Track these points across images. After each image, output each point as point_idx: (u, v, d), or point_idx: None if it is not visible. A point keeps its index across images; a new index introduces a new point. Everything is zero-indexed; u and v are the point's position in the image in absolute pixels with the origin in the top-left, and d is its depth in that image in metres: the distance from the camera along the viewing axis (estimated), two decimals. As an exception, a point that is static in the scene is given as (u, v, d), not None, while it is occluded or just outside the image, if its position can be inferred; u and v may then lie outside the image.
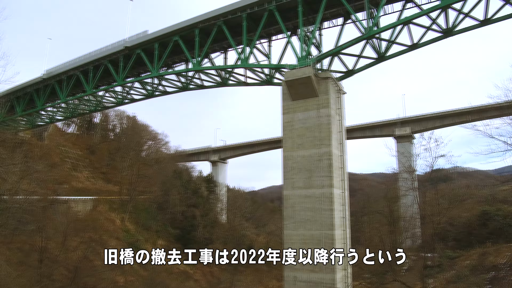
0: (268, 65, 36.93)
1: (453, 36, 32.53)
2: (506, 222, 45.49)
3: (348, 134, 38.27)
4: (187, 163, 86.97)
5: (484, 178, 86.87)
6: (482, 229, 47.06)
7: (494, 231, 45.81)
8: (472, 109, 64.95)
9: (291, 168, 31.76)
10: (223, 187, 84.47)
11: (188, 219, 56.46)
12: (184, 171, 73.37)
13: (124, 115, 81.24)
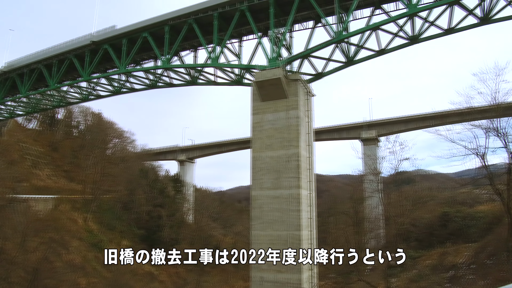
0: (238, 65, 36.85)
1: (418, 43, 33.61)
2: (465, 223, 47.44)
3: (316, 136, 38.75)
4: (154, 162, 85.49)
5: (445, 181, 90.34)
6: (442, 230, 48.85)
7: (454, 231, 47.66)
8: (435, 114, 67.21)
9: (260, 168, 31.81)
10: (191, 187, 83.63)
11: (154, 219, 55.47)
12: (151, 170, 72.09)
13: (89, 111, 78.70)
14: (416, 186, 54.44)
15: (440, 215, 50.34)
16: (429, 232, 50.00)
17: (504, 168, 28.59)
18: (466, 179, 37.81)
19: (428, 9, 31.22)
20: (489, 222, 43.20)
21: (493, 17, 31.97)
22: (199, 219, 65.56)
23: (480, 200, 56.05)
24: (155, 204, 57.04)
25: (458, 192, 60.74)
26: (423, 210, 46.59)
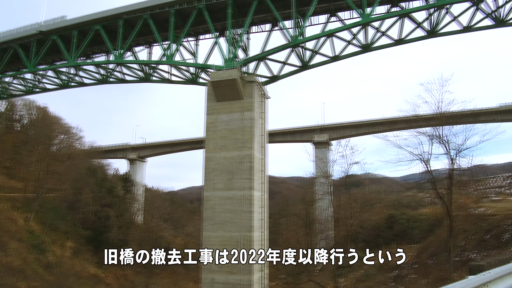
0: (194, 64, 36.36)
1: (371, 51, 34.91)
2: (409, 225, 49.58)
3: (270, 138, 39.09)
4: (103, 161, 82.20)
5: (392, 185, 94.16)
6: (388, 231, 50.74)
7: (399, 233, 49.67)
8: (384, 121, 69.89)
9: (213, 169, 31.52)
10: (141, 187, 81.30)
11: (102, 219, 53.33)
12: (99, 169, 69.21)
13: (33, 105, 74.09)
14: (365, 189, 56.45)
15: (386, 217, 52.34)
16: (376, 233, 51.80)
17: (446, 173, 30.18)
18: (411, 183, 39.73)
19: (380, 19, 32.59)
20: (431, 224, 45.46)
21: (439, 31, 33.89)
22: (149, 219, 63.82)
23: (423, 203, 58.94)
24: (103, 204, 54.86)
25: (404, 196, 63.60)
26: (370, 212, 48.29)
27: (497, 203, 46.18)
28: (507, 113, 73.94)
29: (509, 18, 33.29)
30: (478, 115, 65.20)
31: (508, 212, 32.42)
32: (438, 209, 44.67)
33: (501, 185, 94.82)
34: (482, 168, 50.93)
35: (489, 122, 58.65)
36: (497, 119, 68.39)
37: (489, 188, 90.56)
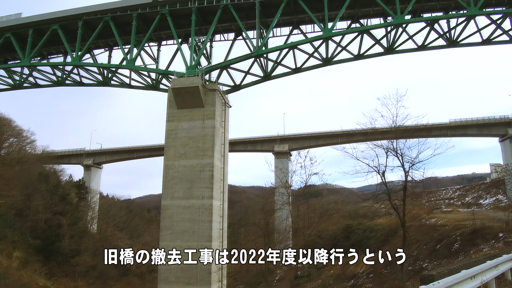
0: (155, 70, 35.72)
1: (331, 65, 35.82)
2: (365, 235, 50.65)
3: (231, 146, 38.99)
4: (56, 166, 78.60)
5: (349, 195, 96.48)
6: (345, 241, 51.55)
7: (355, 243, 50.52)
8: (342, 133, 71.65)
9: (172, 177, 30.92)
10: (96, 194, 78.31)
11: (53, 228, 50.77)
12: (52, 175, 66.11)
13: (-19, 106, 70.07)
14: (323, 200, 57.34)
15: (344, 227, 53.27)
16: (333, 243, 52.48)
17: (400, 185, 31.17)
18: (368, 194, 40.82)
19: (341, 34, 33.61)
20: (386, 234, 46.68)
21: (396, 48, 35.44)
22: (104, 228, 61.55)
23: (379, 214, 60.63)
24: (54, 212, 52.27)
25: (360, 206, 65.14)
26: (328, 223, 48.99)
27: (448, 214, 48.21)
28: (457, 129, 77.94)
29: (460, 39, 35.35)
30: (431, 129, 68.43)
31: (457, 223, 33.83)
32: (393, 219, 46.07)
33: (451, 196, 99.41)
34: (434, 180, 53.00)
35: (440, 137, 61.40)
36: (448, 134, 71.99)
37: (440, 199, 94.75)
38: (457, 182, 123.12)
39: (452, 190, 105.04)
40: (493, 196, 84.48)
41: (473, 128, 79.14)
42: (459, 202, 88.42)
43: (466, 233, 28.60)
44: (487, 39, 35.76)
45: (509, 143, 76.09)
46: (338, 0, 32.28)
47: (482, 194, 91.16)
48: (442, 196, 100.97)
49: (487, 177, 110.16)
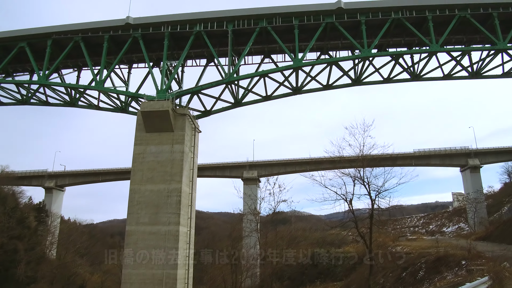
0: (125, 92, 35.26)
1: (301, 94, 36.63)
2: (333, 262, 50.73)
3: (200, 172, 38.56)
4: (16, 187, 75.08)
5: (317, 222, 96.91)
6: (313, 269, 51.40)
7: (323, 271, 50.50)
8: (311, 160, 72.61)
9: (138, 202, 30.10)
10: (57, 218, 75.10)
11: (8, 253, 47.82)
12: (10, 196, 62.92)
13: None
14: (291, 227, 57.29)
15: (311, 255, 53.21)
16: (301, 271, 52.25)
17: (367, 213, 31.73)
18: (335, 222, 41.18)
19: (311, 65, 34.65)
20: (353, 262, 46.91)
21: (363, 80, 36.79)
22: (64, 254, 58.70)
23: (346, 241, 61.12)
24: (11, 236, 49.40)
25: (328, 233, 65.53)
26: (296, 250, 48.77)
27: (413, 241, 49.18)
28: (421, 158, 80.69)
29: (423, 73, 37.14)
30: (396, 159, 70.47)
31: (422, 251, 34.51)
32: (360, 247, 46.46)
33: (416, 224, 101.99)
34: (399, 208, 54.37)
35: (405, 166, 63.53)
36: (413, 164, 74.45)
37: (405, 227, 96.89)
38: (421, 210, 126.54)
39: (417, 218, 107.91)
40: (455, 224, 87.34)
41: (435, 158, 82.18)
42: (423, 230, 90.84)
43: (431, 261, 29.15)
44: (448, 74, 37.73)
45: (469, 173, 79.32)
46: (308, 32, 33.38)
47: (445, 222, 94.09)
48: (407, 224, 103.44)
49: (449, 206, 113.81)
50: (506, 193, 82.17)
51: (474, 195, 74.86)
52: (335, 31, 33.66)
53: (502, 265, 22.09)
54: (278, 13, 33.34)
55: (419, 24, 33.75)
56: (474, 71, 37.63)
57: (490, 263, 23.15)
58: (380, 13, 33.23)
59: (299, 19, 33.16)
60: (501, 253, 25.24)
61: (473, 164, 78.52)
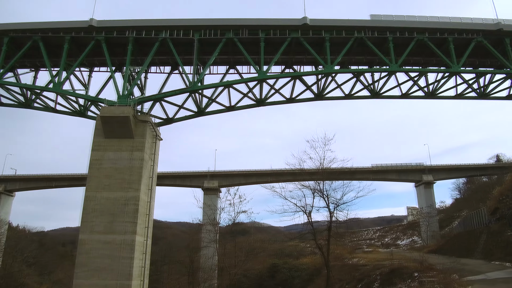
0: (84, 96, 34.19)
1: (264, 106, 37.00)
2: (291, 274, 50.89)
3: (159, 180, 37.82)
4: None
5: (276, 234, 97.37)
6: (271, 281, 51.34)
7: (281, 282, 50.55)
8: (272, 172, 73.11)
9: (93, 210, 29.04)
10: (4, 225, 70.90)
11: None
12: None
13: None
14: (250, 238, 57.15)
15: (270, 266, 53.17)
16: (259, 282, 52.06)
17: (325, 225, 32.26)
18: (294, 233, 41.52)
19: (275, 78, 35.20)
20: (310, 274, 47.27)
21: (325, 95, 37.74)
22: (10, 263, 55.46)
23: (304, 253, 61.62)
24: (-49, 244, 46.42)
25: (287, 245, 65.87)
26: (254, 261, 48.64)
27: (369, 254, 50.26)
28: (378, 173, 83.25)
29: (382, 91, 38.59)
30: (355, 173, 72.27)
31: (377, 263, 35.31)
32: (317, 258, 47.00)
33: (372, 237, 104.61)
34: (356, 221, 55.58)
35: (363, 180, 64.87)
36: (370, 178, 76.49)
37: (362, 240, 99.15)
38: (377, 223, 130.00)
39: (373, 231, 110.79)
40: (409, 237, 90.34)
41: (392, 173, 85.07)
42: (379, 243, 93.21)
43: (385, 273, 29.85)
44: (406, 93, 39.44)
45: (423, 188, 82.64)
46: (274, 46, 33.92)
47: (400, 235, 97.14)
48: (364, 237, 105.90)
49: (404, 219, 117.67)
50: (457, 208, 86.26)
51: (427, 210, 77.94)
52: (300, 46, 34.40)
53: (452, 277, 23.10)
54: (245, 25, 33.71)
55: (380, 44, 35.15)
56: (429, 92, 39.58)
57: (441, 275, 24.12)
58: (344, 32, 34.36)
59: (266, 32, 33.65)
60: (451, 266, 26.33)
61: (427, 180, 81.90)
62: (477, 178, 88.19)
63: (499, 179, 61.40)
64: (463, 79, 38.94)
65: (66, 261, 68.24)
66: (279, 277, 51.01)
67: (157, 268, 50.95)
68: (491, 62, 38.69)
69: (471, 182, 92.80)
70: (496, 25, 36.16)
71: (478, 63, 39.01)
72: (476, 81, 39.83)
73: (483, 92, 40.18)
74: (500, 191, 44.59)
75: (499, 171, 70.08)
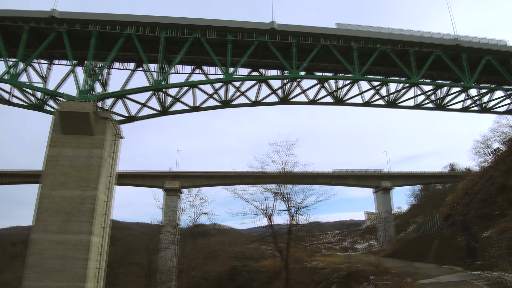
0: (42, 89, 32.77)
1: (230, 107, 37.02)
2: (250, 277, 50.97)
3: (119, 179, 36.79)
4: None
5: (237, 236, 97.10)
6: (230, 284, 51.18)
7: (240, 285, 50.50)
8: (234, 174, 72.97)
9: (47, 208, 27.83)
10: None
11: None
12: None
13: None
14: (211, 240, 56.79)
15: (229, 269, 53.00)
16: (218, 285, 51.78)
17: (286, 228, 32.58)
18: (255, 236, 41.62)
19: (241, 80, 35.27)
20: (270, 276, 47.51)
21: (290, 99, 38.23)
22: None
23: (264, 256, 61.83)
24: None
25: (247, 247, 65.86)
26: (214, 264, 48.44)
27: (327, 257, 51.21)
28: (339, 178, 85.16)
29: (345, 99, 39.58)
30: (316, 177, 73.62)
31: (335, 266, 36.05)
32: (277, 261, 47.31)
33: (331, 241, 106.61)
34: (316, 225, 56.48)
35: (324, 185, 66.58)
36: (331, 183, 78.27)
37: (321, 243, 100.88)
38: (336, 227, 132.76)
39: (332, 235, 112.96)
40: (367, 242, 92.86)
41: (352, 178, 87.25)
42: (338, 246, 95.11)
43: (342, 276, 30.53)
44: (367, 101, 40.67)
45: (381, 194, 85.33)
46: (241, 48, 34.01)
47: (358, 239, 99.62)
48: (323, 240, 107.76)
49: (362, 224, 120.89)
50: (412, 214, 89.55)
51: (384, 215, 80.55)
52: (267, 50, 34.69)
53: (405, 281, 23.99)
54: (213, 26, 33.61)
55: (345, 53, 36.07)
56: (390, 101, 41.03)
57: (395, 278, 25.01)
58: (310, 38, 35.00)
59: (233, 34, 33.69)
60: (405, 269, 27.36)
61: (385, 186, 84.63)
62: (432, 185, 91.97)
63: (452, 187, 64.25)
64: (422, 91, 40.65)
65: (16, 262, 64.90)
66: (239, 279, 50.96)
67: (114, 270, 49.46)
68: (448, 76, 40.64)
69: (426, 189, 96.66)
70: (454, 41, 38.06)
71: (436, 75, 40.87)
72: (434, 93, 41.73)
73: (440, 104, 42.12)
74: (452, 199, 46.82)
75: (452, 180, 73.35)
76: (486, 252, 29.38)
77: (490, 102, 43.83)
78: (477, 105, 43.83)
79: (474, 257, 29.95)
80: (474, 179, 46.65)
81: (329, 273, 34.02)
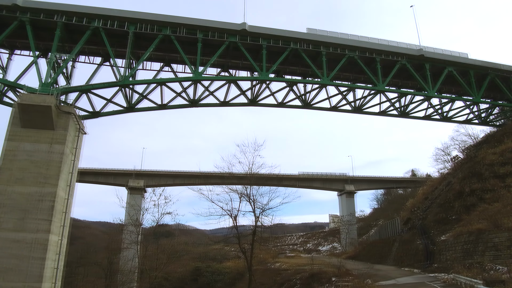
0: (1, 80, 31.31)
1: (197, 107, 36.76)
2: (213, 278, 50.83)
3: (80, 177, 35.57)
4: None
5: (201, 237, 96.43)
6: (193, 284, 50.86)
7: (203, 285, 50.25)
8: (200, 174, 72.44)
9: (3, 205, 26.53)
10: None
11: None
12: None
13: None
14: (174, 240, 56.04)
15: (192, 270, 52.67)
16: (180, 286, 51.29)
17: (250, 230, 32.68)
18: (219, 237, 41.46)
19: (210, 80, 35.09)
20: (233, 277, 47.59)
21: (259, 101, 38.40)
22: None
23: (228, 257, 61.84)
24: None
25: (211, 248, 65.63)
26: (177, 264, 47.85)
27: (291, 259, 51.78)
28: (305, 181, 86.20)
29: (313, 102, 40.20)
30: (282, 179, 74.20)
31: (298, 268, 36.56)
32: (241, 262, 47.42)
33: (295, 242, 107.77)
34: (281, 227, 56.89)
35: (290, 187, 67.14)
36: (297, 185, 79.02)
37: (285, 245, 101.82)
38: (301, 230, 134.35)
39: (296, 237, 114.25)
40: (330, 244, 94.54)
41: (317, 181, 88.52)
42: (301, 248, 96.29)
43: (305, 277, 30.99)
44: (335, 106, 41.49)
45: (345, 197, 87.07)
46: (211, 48, 33.89)
47: (321, 242, 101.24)
48: (287, 242, 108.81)
49: (326, 226, 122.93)
50: (374, 217, 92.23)
51: (347, 218, 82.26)
52: (237, 51, 34.72)
53: (365, 282, 24.66)
54: (183, 24, 33.23)
55: (314, 57, 36.65)
56: (356, 106, 42.08)
57: (356, 280, 25.64)
58: (281, 41, 35.33)
59: (204, 33, 33.49)
60: (366, 271, 28.08)
61: (349, 190, 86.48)
62: (394, 190, 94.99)
63: (412, 192, 66.64)
64: (387, 98, 41.94)
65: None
66: (202, 280, 50.73)
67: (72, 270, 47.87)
68: (412, 84, 42.18)
69: (388, 194, 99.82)
70: (419, 51, 39.53)
71: (401, 84, 42.32)
72: (398, 101, 43.17)
73: (403, 111, 43.61)
74: (412, 203, 48.57)
75: (413, 185, 76.02)
76: (442, 255, 30.65)
77: (450, 112, 45.88)
78: (438, 114, 45.73)
79: (431, 260, 31.17)
80: (434, 184, 48.69)
81: (292, 275, 34.47)
